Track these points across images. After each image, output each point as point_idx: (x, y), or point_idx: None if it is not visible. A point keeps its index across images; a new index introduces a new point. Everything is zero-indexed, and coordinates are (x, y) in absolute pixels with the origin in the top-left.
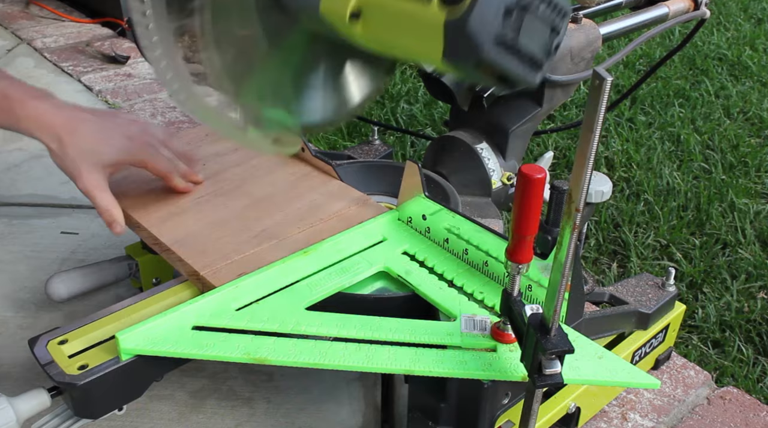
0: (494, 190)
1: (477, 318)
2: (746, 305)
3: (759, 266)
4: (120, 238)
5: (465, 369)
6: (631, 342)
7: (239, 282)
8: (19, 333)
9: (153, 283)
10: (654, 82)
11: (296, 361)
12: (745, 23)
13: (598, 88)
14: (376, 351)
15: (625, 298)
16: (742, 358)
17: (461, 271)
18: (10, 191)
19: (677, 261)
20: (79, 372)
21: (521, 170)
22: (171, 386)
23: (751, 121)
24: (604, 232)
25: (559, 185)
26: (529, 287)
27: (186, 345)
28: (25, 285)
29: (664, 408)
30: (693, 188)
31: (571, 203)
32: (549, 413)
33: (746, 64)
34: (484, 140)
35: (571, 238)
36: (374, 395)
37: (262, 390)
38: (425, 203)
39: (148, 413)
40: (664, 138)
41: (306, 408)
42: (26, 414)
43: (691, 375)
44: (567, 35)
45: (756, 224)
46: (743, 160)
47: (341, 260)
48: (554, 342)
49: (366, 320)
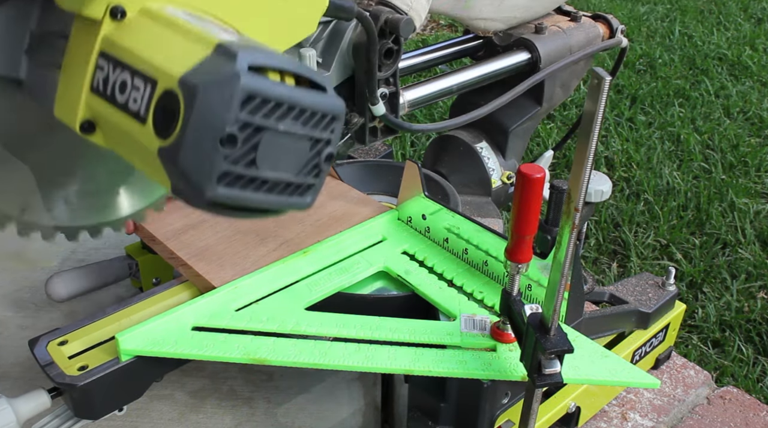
0: (494, 189)
1: (477, 318)
2: (746, 305)
3: (759, 266)
4: (120, 238)
5: (465, 368)
6: (631, 342)
7: (239, 283)
8: (19, 333)
9: (153, 283)
10: (654, 82)
11: (296, 361)
12: (745, 23)
13: (596, 87)
14: (375, 351)
15: (625, 297)
16: (742, 358)
17: (461, 271)
18: None
19: (677, 261)
20: (79, 372)
21: (520, 170)
22: (171, 386)
23: (751, 121)
24: (604, 232)
25: (558, 185)
26: (528, 286)
27: (186, 346)
28: (25, 285)
29: (664, 407)
30: (693, 187)
31: (570, 203)
32: (549, 412)
33: (746, 64)
34: (484, 140)
35: (570, 237)
36: (374, 395)
37: (262, 390)
38: (425, 203)
39: (148, 413)
40: (664, 138)
41: (306, 408)
42: (26, 415)
43: (691, 374)
44: (567, 34)
45: (756, 223)
46: (743, 160)
47: (341, 260)
48: (554, 342)
49: (366, 320)
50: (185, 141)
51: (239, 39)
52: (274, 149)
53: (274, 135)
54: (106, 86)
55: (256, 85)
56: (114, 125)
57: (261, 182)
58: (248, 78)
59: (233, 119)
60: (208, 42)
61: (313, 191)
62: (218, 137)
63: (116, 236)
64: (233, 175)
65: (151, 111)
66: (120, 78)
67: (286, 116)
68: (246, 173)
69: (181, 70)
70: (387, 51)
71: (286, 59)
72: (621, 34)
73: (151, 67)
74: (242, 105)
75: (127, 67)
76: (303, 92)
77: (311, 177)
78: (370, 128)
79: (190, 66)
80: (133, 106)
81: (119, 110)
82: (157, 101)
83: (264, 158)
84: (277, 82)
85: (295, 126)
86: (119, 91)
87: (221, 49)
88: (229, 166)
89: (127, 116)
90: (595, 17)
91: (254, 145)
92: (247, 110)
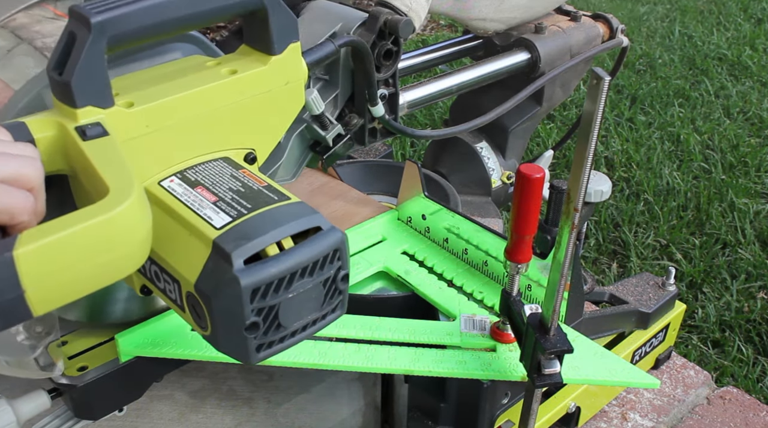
0: (494, 189)
1: (476, 318)
2: (746, 305)
3: (759, 266)
4: None
5: (464, 368)
6: (631, 342)
7: None
8: None
9: None
10: (654, 82)
11: (296, 361)
12: (745, 23)
13: (596, 87)
14: (375, 351)
15: (625, 298)
16: (742, 358)
17: (461, 271)
18: None
19: (677, 261)
20: (79, 373)
21: (520, 170)
22: (171, 386)
23: (751, 121)
24: (604, 232)
25: (558, 185)
26: (528, 286)
27: (186, 346)
28: None
29: (664, 407)
30: (693, 187)
31: (569, 203)
32: (549, 413)
33: (746, 64)
34: (484, 139)
35: (569, 238)
36: (374, 395)
37: (262, 390)
38: (425, 203)
39: (148, 413)
40: (664, 138)
41: (306, 408)
42: (26, 415)
43: (691, 374)
44: (567, 34)
45: (756, 224)
46: (743, 160)
47: None
48: (553, 342)
49: (366, 320)
50: (218, 335)
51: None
52: (293, 307)
53: (288, 300)
54: (146, 271)
55: (256, 278)
56: (162, 296)
57: (291, 333)
58: (247, 277)
59: (248, 312)
60: (206, 240)
61: (342, 304)
62: (242, 328)
63: None
64: (266, 343)
65: (185, 306)
66: (153, 269)
67: (293, 283)
68: (276, 337)
69: (194, 277)
70: (386, 52)
71: (280, 226)
72: (621, 33)
73: (172, 269)
74: (251, 300)
75: (155, 262)
76: (301, 251)
77: (336, 300)
78: (369, 128)
79: (198, 271)
80: (171, 295)
81: (162, 292)
82: (186, 299)
83: (286, 317)
84: (275, 258)
85: (304, 282)
86: (156, 279)
87: (217, 249)
88: (260, 341)
89: (169, 299)
90: (595, 17)
91: (275, 315)
92: (256, 300)
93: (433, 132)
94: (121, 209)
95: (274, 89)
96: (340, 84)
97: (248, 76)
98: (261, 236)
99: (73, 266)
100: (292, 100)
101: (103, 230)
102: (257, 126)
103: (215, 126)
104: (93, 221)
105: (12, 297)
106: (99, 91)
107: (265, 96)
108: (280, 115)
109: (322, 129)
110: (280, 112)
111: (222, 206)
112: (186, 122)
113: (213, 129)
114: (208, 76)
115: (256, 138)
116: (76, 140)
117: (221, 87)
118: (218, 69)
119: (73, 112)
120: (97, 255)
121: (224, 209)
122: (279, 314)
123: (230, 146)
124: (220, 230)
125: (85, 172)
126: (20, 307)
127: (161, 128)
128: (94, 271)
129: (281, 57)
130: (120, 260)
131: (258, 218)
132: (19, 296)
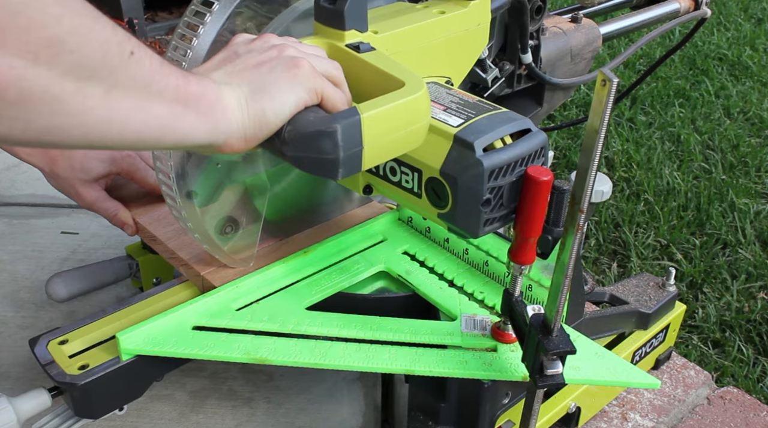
0: None
1: (477, 318)
2: (746, 305)
3: (759, 266)
4: (120, 238)
5: (465, 368)
6: (632, 342)
7: (239, 282)
8: (19, 333)
9: (153, 283)
10: (654, 82)
11: (296, 361)
12: (745, 23)
13: (604, 89)
14: (376, 351)
15: (625, 298)
16: (742, 358)
17: (461, 271)
18: (9, 191)
19: (677, 261)
20: (80, 372)
21: (527, 172)
22: (171, 386)
23: (751, 121)
24: (604, 232)
25: (559, 185)
26: (529, 287)
27: (186, 345)
28: (25, 285)
29: (664, 408)
30: (693, 188)
31: (574, 205)
32: (549, 413)
33: (746, 64)
34: None
35: (574, 240)
36: (374, 395)
37: (262, 390)
38: None
39: (148, 413)
40: (664, 138)
41: (306, 408)
42: (27, 414)
43: (691, 375)
44: (566, 35)
45: (756, 224)
46: (743, 160)
47: (341, 260)
48: (556, 343)
49: (366, 320)
50: (458, 211)
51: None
52: (511, 191)
53: (510, 184)
54: (378, 169)
55: (493, 162)
56: (390, 190)
57: (507, 213)
58: (486, 160)
59: (486, 190)
60: (447, 135)
61: None
62: (479, 203)
63: (116, 237)
64: (491, 219)
65: (423, 191)
66: (388, 165)
67: (515, 169)
68: (498, 214)
69: (438, 164)
70: (537, 8)
71: (502, 126)
72: (705, 6)
73: (414, 161)
74: (488, 179)
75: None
76: (520, 145)
77: None
78: (517, 74)
79: (442, 159)
80: (407, 185)
81: (394, 185)
82: (425, 184)
83: (508, 198)
84: (503, 148)
85: (520, 171)
86: (390, 173)
87: (459, 141)
88: (488, 215)
89: (403, 190)
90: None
91: (501, 195)
92: (492, 180)
93: (566, 80)
94: (423, 91)
95: (471, 28)
96: (495, 35)
97: (454, 16)
98: (492, 131)
99: (392, 132)
100: (480, 40)
101: (414, 105)
102: (456, 59)
103: (429, 55)
104: (409, 98)
105: (356, 151)
106: (361, 19)
107: (464, 34)
108: (472, 51)
109: (483, 72)
110: (472, 48)
111: (452, 112)
112: (412, 49)
113: (428, 57)
114: (425, 14)
115: (453, 69)
116: (351, 53)
117: (436, 23)
118: (429, 10)
119: (341, 34)
120: (406, 125)
121: (454, 114)
122: (503, 195)
123: (436, 73)
124: (457, 128)
125: (366, 76)
126: (357, 160)
127: (395, 52)
128: (402, 138)
129: (477, 2)
130: (418, 132)
131: (485, 120)
132: (359, 151)
